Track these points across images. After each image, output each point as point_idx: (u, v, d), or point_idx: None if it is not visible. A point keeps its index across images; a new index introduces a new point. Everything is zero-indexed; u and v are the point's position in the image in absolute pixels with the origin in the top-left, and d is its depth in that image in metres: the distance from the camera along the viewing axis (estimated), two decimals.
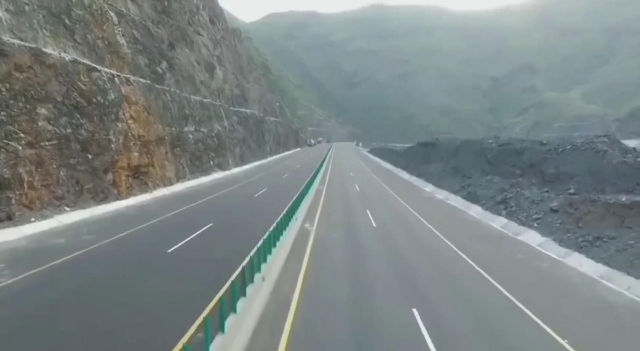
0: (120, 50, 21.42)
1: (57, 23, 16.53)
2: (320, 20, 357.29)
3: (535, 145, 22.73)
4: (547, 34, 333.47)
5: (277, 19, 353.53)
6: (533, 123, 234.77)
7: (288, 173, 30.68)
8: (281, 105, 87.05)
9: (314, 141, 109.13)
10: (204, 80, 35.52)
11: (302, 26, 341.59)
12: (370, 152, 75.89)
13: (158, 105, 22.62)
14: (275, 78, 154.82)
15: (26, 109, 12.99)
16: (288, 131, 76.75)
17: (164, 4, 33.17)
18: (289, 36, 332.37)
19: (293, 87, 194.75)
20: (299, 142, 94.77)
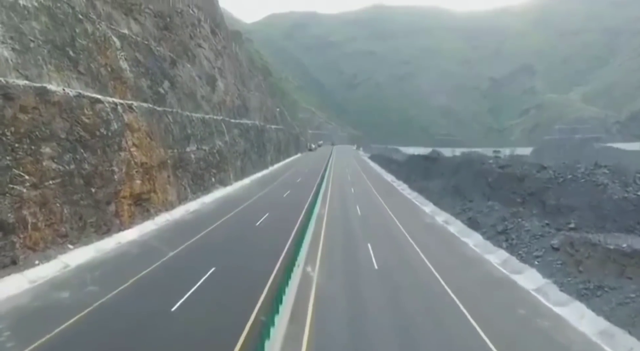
0: (123, 75, 21.48)
1: (61, 56, 16.59)
2: (320, 21, 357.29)
3: (535, 170, 22.85)
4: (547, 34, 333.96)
5: (278, 19, 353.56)
6: (533, 126, 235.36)
7: (289, 190, 30.72)
8: (282, 110, 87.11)
9: (315, 145, 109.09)
10: (205, 95, 35.58)
11: (302, 27, 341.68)
12: (372, 158, 75.93)
13: (160, 129, 22.69)
14: (276, 80, 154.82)
15: (31, 150, 13.07)
16: (289, 137, 76.81)
17: (166, 21, 33.27)
18: (289, 37, 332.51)
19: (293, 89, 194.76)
20: (299, 147, 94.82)
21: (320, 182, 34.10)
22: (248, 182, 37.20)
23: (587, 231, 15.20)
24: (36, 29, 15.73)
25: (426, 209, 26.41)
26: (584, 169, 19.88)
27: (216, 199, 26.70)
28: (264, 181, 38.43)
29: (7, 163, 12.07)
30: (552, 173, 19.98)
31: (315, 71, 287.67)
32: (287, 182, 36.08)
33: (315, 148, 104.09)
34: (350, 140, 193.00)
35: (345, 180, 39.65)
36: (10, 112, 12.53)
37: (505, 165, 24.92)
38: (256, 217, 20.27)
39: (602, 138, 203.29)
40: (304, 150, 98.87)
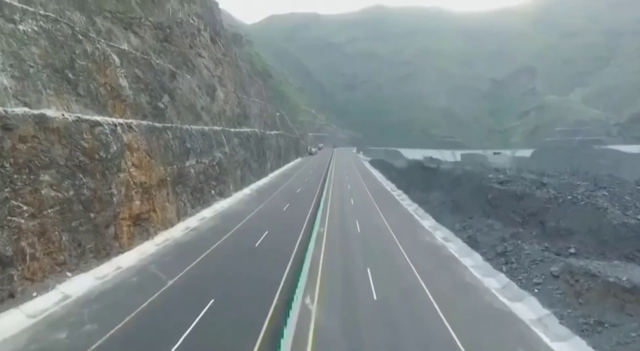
0: (123, 93, 21.45)
1: (60, 79, 16.56)
2: (321, 22, 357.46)
3: (535, 186, 22.80)
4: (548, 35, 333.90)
5: (278, 20, 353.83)
6: (534, 127, 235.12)
7: (289, 202, 30.65)
8: (282, 115, 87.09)
9: (315, 149, 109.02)
10: (205, 106, 35.57)
11: (302, 28, 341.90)
12: (372, 164, 75.79)
13: (160, 146, 22.67)
14: (276, 83, 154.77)
15: (30, 180, 13.04)
16: (289, 142, 76.76)
17: (166, 32, 33.27)
18: (289, 38, 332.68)
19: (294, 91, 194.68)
20: (299, 151, 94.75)
21: (319, 194, 34.06)
22: (248, 192, 37.16)
23: (587, 257, 15.17)
24: (35, 53, 15.71)
25: (426, 224, 26.36)
26: (584, 189, 19.84)
27: (215, 214, 26.65)
28: (263, 190, 38.40)
29: (6, 196, 12.04)
30: (552, 193, 19.93)
31: (316, 72, 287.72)
32: (286, 193, 36.03)
33: (315, 151, 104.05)
34: (350, 142, 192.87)
35: (345, 190, 39.60)
36: (9, 143, 12.50)
37: (505, 181, 24.88)
38: (255, 236, 20.20)
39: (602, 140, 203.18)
40: (304, 153, 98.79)
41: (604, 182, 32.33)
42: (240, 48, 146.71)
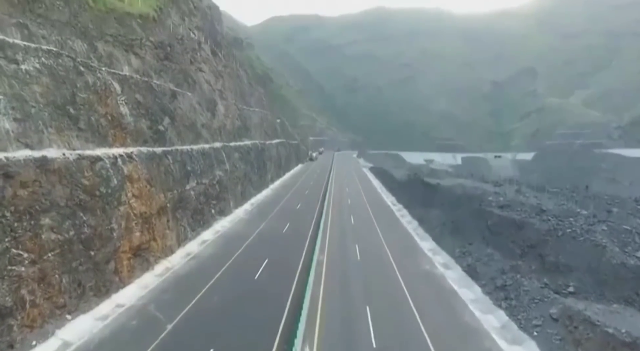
0: (123, 121, 21.51)
1: (62, 116, 16.61)
2: (322, 24, 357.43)
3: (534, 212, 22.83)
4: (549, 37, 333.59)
5: (279, 22, 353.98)
6: (534, 130, 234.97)
7: (289, 221, 30.68)
8: (282, 122, 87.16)
9: (315, 154, 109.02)
10: (205, 122, 35.63)
11: (303, 30, 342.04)
12: (373, 172, 75.74)
13: (160, 172, 22.72)
14: (277, 87, 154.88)
15: (30, 226, 13.10)
16: (289, 150, 76.81)
17: (167, 50, 33.36)
18: (290, 40, 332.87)
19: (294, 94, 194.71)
20: (300, 156, 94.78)
21: (319, 212, 34.10)
22: (248, 208, 37.24)
23: (586, 297, 15.21)
24: (37, 92, 15.77)
25: (426, 246, 26.40)
26: (583, 220, 19.85)
27: (216, 237, 26.69)
28: (264, 206, 38.44)
29: (6, 246, 12.10)
30: (552, 223, 19.94)
31: (316, 74, 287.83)
32: (286, 209, 36.04)
33: (316, 157, 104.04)
34: (351, 145, 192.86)
35: (345, 205, 39.65)
36: (11, 191, 12.56)
37: (504, 205, 24.91)
38: (255, 266, 20.20)
39: (603, 143, 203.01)
40: (305, 159, 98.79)
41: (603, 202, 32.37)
42: (241, 51, 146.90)
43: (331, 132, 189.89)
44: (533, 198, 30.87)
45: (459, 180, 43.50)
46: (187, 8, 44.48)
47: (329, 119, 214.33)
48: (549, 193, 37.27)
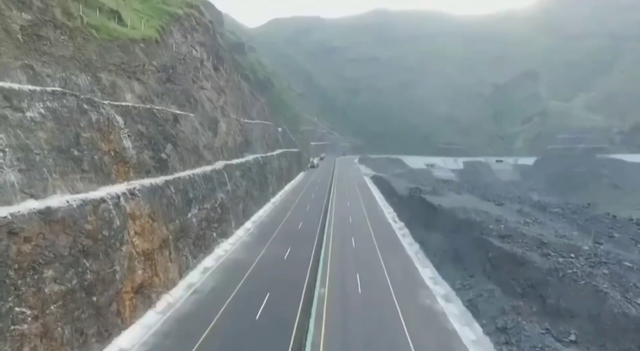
0: (126, 154, 21.63)
1: (66, 160, 16.72)
2: (323, 26, 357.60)
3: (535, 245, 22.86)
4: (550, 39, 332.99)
5: (280, 24, 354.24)
6: (536, 134, 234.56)
7: (290, 245, 30.74)
8: (284, 130, 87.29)
9: (317, 160, 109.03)
10: (207, 143, 35.74)
11: (305, 32, 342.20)
12: (375, 182, 75.73)
13: (162, 204, 22.82)
14: (278, 92, 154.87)
15: (33, 281, 13.20)
16: (290, 159, 76.89)
17: (169, 73, 33.54)
18: (291, 42, 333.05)
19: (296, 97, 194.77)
20: (301, 164, 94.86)
21: (321, 233, 34.16)
22: (250, 228, 37.37)
23: (587, 346, 15.25)
24: (42, 138, 15.87)
25: (427, 275, 26.47)
26: (584, 260, 19.86)
27: (217, 263, 26.78)
28: (265, 226, 38.49)
29: (10, 305, 12.20)
30: (553, 260, 19.97)
31: (318, 77, 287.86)
32: (287, 230, 36.01)
33: (317, 164, 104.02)
34: (352, 150, 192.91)
35: (347, 224, 39.71)
36: (15, 249, 12.66)
37: (505, 235, 24.95)
38: (256, 304, 20.16)
39: (605, 148, 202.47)
40: (306, 167, 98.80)
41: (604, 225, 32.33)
42: (243, 56, 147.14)
43: (333, 137, 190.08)
44: (534, 224, 30.92)
45: (461, 198, 43.54)
46: (190, 24, 44.64)
47: (331, 123, 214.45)
48: (551, 214, 37.30)
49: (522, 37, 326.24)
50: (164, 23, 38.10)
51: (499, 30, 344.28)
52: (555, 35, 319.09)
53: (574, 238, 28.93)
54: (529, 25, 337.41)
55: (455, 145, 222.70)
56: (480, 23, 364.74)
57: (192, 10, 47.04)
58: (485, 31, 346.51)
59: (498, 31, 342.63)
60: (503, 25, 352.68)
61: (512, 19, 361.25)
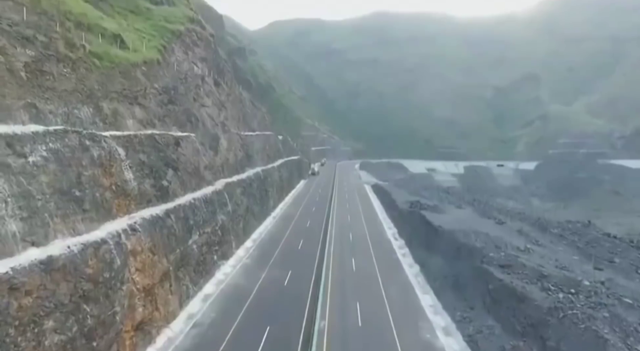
0: (127, 187, 21.68)
1: (67, 201, 16.76)
2: (324, 28, 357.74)
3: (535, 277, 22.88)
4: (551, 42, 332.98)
5: (281, 26, 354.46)
6: (537, 138, 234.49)
7: (290, 269, 30.74)
8: (285, 138, 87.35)
9: (317, 166, 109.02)
10: (208, 163, 35.78)
11: (306, 34, 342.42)
12: (375, 191, 75.80)
13: (163, 236, 22.86)
14: (279, 96, 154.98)
15: (34, 335, 13.23)
16: (291, 169, 76.96)
17: (170, 94, 33.60)
18: (293, 44, 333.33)
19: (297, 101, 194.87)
20: (302, 172, 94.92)
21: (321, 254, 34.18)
22: (250, 246, 37.47)
23: None
24: (44, 182, 15.91)
25: (427, 302, 26.52)
26: (584, 299, 19.85)
27: (217, 292, 26.80)
28: (265, 244, 38.56)
29: None
30: (553, 298, 19.97)
31: (319, 79, 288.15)
32: (288, 251, 35.98)
33: (318, 171, 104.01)
34: (353, 154, 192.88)
35: (347, 242, 39.76)
36: (15, 305, 12.69)
37: (505, 265, 24.96)
38: (255, 341, 20.14)
39: (606, 153, 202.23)
40: (307, 174, 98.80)
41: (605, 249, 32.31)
42: (244, 61, 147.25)
43: (333, 141, 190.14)
44: (535, 246, 30.92)
45: (462, 215, 43.52)
46: (191, 40, 44.75)
47: (331, 127, 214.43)
48: (551, 234, 37.31)
49: (523, 40, 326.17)
50: (165, 41, 38.22)
51: (499, 32, 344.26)
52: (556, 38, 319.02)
53: (574, 263, 28.97)
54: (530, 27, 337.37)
55: (456, 148, 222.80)
56: (481, 25, 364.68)
57: (193, 25, 47.16)
58: (486, 33, 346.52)
59: (499, 34, 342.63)
60: (504, 27, 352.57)
61: (513, 21, 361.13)
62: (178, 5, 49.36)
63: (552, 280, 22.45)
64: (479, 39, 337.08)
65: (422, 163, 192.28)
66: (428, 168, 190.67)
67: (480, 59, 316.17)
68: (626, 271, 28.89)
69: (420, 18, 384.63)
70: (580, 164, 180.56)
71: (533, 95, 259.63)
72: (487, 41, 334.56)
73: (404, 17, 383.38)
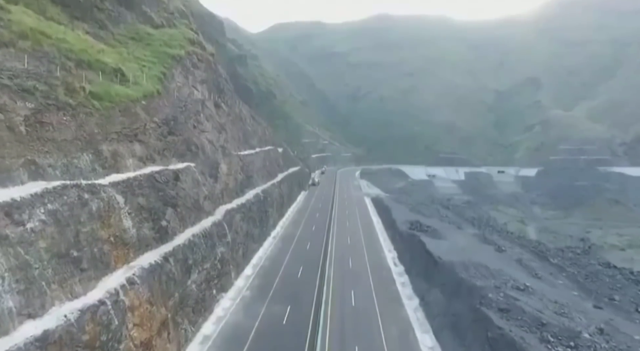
0: (126, 235, 21.65)
1: (65, 264, 16.72)
2: (325, 31, 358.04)
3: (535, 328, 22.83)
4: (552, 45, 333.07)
5: (283, 29, 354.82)
6: (538, 144, 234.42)
7: (289, 303, 30.64)
8: (285, 150, 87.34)
9: (318, 177, 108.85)
10: (208, 193, 35.71)
11: (306, 37, 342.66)
12: (375, 205, 75.75)
13: (161, 282, 22.81)
14: (280, 103, 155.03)
15: None
16: (291, 183, 76.92)
17: (170, 125, 33.58)
18: (294, 47, 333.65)
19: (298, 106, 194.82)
20: (302, 182, 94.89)
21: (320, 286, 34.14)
22: (251, 275, 37.47)
23: None
24: (42, 247, 15.86)
25: (426, 343, 26.50)
26: None
27: (216, 330, 26.80)
28: (265, 272, 38.52)
29: None
30: None
31: (320, 82, 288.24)
32: (287, 281, 35.84)
33: (318, 182, 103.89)
34: (354, 160, 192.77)
35: (347, 269, 39.75)
36: None
37: (504, 309, 24.95)
38: None
39: (608, 160, 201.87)
40: (307, 185, 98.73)
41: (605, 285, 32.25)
42: (245, 68, 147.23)
43: (334, 147, 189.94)
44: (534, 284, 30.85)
45: (461, 241, 43.49)
46: (191, 63, 44.83)
47: (332, 132, 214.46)
48: (551, 265, 37.26)
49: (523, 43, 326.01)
50: (166, 68, 38.30)
51: (500, 35, 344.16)
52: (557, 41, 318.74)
53: (574, 301, 28.92)
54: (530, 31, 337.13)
55: (457, 154, 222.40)
56: (482, 28, 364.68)
57: (193, 47, 47.20)
58: (486, 36, 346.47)
59: (500, 37, 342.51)
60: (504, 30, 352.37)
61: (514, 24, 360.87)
62: (179, 26, 49.38)
63: (552, 328, 22.41)
64: (480, 42, 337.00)
65: (422, 170, 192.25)
66: (429, 174, 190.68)
67: (480, 62, 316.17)
68: (626, 310, 28.86)
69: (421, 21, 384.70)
70: (581, 171, 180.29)
71: (533, 100, 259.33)
72: (488, 44, 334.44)
73: (404, 19, 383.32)
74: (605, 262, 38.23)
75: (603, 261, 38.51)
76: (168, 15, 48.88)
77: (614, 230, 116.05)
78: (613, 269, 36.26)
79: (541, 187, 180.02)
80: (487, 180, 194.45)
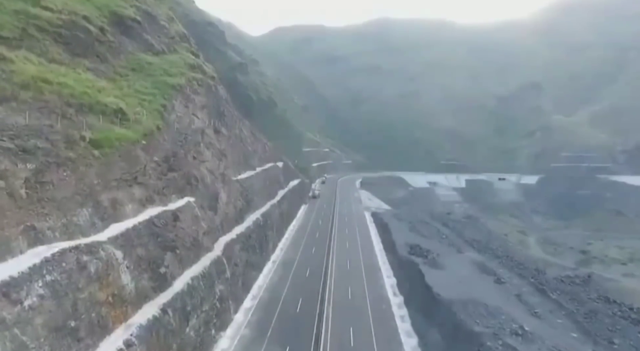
0: (124, 292, 21.64)
1: (62, 337, 16.72)
2: (326, 35, 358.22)
3: None
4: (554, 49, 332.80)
5: (284, 33, 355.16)
6: (540, 151, 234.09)
7: (288, 345, 30.68)
8: (286, 164, 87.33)
9: (318, 190, 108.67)
10: (207, 228, 35.67)
11: (307, 41, 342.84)
12: (375, 222, 75.71)
13: (160, 337, 22.81)
14: (281, 112, 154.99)
15: None
16: (291, 199, 76.90)
17: (170, 161, 33.55)
18: (294, 51, 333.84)
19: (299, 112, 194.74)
20: (302, 195, 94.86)
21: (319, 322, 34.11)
22: (250, 307, 37.42)
23: None
24: (39, 324, 15.85)
25: None
26: None
27: None
28: (264, 303, 38.52)
29: None
30: None
31: (321, 87, 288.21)
32: (286, 317, 35.68)
33: (318, 194, 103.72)
34: (355, 167, 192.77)
35: (346, 301, 39.69)
36: None
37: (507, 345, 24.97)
38: None
39: (609, 168, 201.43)
40: (307, 196, 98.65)
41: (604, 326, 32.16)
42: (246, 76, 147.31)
43: (335, 155, 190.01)
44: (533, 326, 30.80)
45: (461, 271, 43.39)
46: (191, 89, 44.83)
47: (333, 139, 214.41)
48: (550, 300, 37.20)
49: (524, 47, 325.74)
50: (166, 99, 38.22)
51: (501, 39, 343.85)
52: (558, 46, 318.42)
53: (573, 345, 28.85)
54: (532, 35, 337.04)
55: (458, 161, 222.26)
56: (483, 32, 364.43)
57: (194, 73, 47.23)
58: (488, 40, 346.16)
59: (501, 41, 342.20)
60: (506, 34, 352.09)
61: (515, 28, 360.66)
62: (179, 51, 49.42)
63: None
64: (481, 46, 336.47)
65: (423, 177, 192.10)
66: (429, 181, 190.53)
67: (481, 67, 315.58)
68: None
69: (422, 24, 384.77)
70: (583, 180, 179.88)
71: (535, 105, 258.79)
72: (489, 48, 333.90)
73: (405, 23, 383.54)
74: (604, 295, 38.10)
75: (603, 295, 38.36)
76: (169, 40, 48.89)
77: (615, 241, 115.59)
78: (612, 305, 36.18)
79: (542, 196, 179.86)
80: (488, 188, 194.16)
